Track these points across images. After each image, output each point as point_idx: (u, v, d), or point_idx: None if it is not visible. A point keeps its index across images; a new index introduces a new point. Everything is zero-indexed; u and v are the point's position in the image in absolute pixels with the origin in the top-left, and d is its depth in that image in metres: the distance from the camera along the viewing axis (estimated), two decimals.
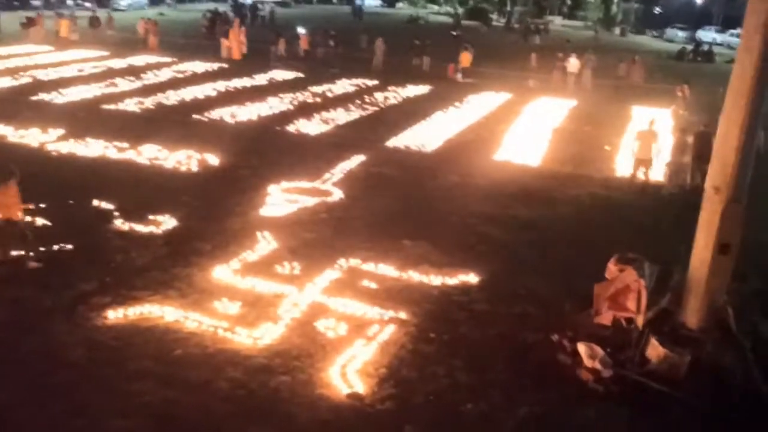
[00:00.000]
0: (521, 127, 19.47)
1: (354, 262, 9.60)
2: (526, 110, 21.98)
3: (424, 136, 17.57)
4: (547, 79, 27.37)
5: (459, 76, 27.47)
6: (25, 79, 21.86)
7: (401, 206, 12.21)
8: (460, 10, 64.16)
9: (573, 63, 26.98)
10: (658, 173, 14.69)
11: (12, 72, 22.78)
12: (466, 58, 27.79)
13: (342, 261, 9.58)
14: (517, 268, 9.96)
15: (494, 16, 64.55)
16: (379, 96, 22.88)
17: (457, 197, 13.08)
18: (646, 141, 14.20)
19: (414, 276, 9.31)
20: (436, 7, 74.06)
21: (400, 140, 17.09)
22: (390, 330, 7.88)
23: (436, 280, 9.25)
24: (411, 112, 20.36)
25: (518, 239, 11.14)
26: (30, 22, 33.56)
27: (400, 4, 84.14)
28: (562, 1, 69.04)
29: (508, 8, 66.01)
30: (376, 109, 21.01)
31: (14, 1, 51.98)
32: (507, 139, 17.96)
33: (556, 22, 63.07)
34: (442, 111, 20.97)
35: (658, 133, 14.84)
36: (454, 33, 42.95)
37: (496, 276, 9.55)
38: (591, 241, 10.89)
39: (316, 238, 10.49)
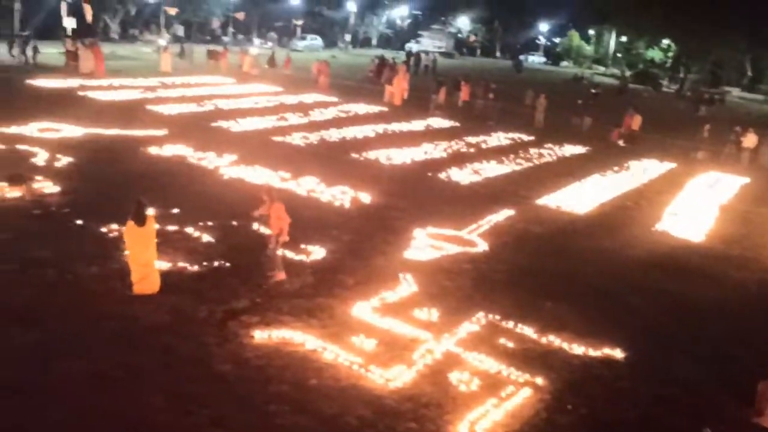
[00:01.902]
0: (685, 200, 18.41)
1: (493, 317, 9.44)
2: (692, 183, 20.79)
3: (577, 198, 17.10)
4: (718, 153, 25.77)
5: (620, 141, 26.57)
6: (208, 107, 23.99)
7: (546, 266, 11.91)
8: (628, 73, 62.37)
9: (751, 138, 25.23)
10: None
11: (198, 99, 25.10)
12: (635, 121, 26.87)
13: (481, 314, 9.47)
14: (666, 347, 9.33)
15: (664, 82, 62.08)
16: (534, 152, 22.66)
17: (607, 264, 12.56)
18: None
19: (554, 341, 8.99)
20: (602, 68, 72.57)
21: (552, 199, 16.74)
22: (524, 394, 7.63)
23: (578, 349, 8.86)
24: (566, 172, 19.93)
25: (670, 316, 10.45)
26: (217, 56, 36.96)
27: (564, 63, 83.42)
28: (742, 72, 65.08)
29: (681, 75, 63.23)
30: (529, 164, 20.80)
31: (206, 36, 57.59)
32: (668, 210, 17.03)
33: (734, 93, 59.51)
34: (600, 174, 20.34)
35: None
36: (594, 90, 41.77)
37: (642, 352, 8.99)
38: (754, 331, 9.98)
39: (456, 288, 10.46)
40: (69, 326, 7.98)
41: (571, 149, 24.10)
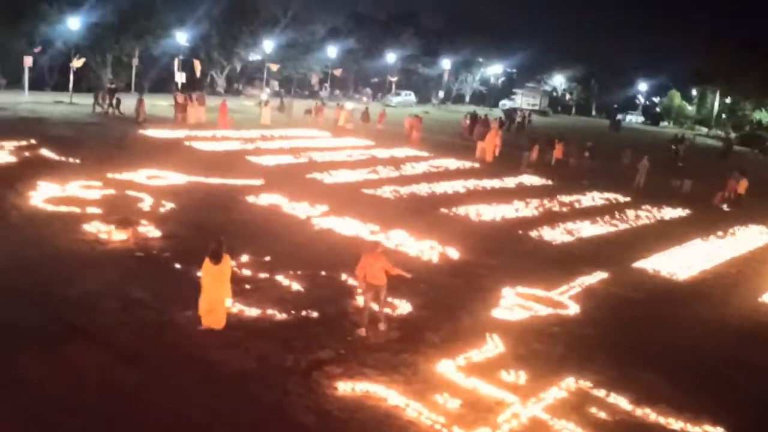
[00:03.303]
0: None
1: (584, 384, 9.05)
2: None
3: (677, 263, 16.31)
4: None
5: (724, 205, 25.34)
6: (303, 159, 24.83)
7: (641, 333, 11.37)
8: (733, 135, 59.87)
9: None
10: None
11: (294, 152, 26.04)
12: (742, 185, 25.62)
13: (570, 380, 9.09)
14: None
15: None
16: (630, 213, 21.90)
17: (707, 334, 11.83)
18: None
19: (649, 414, 8.49)
20: (704, 129, 70.11)
21: (649, 263, 16.04)
22: None
23: (675, 424, 8.33)
24: (664, 235, 19.10)
25: None
26: (314, 110, 38.37)
27: (664, 123, 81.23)
28: None
29: None
30: (625, 226, 20.11)
31: (305, 91, 60.07)
32: None
33: None
34: (701, 239, 19.36)
35: None
36: (674, 147, 40.10)
37: None
38: None
39: (545, 351, 10.12)
40: (165, 367, 8.28)
41: (670, 212, 23.16)
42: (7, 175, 16.87)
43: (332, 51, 57.53)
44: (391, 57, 63.99)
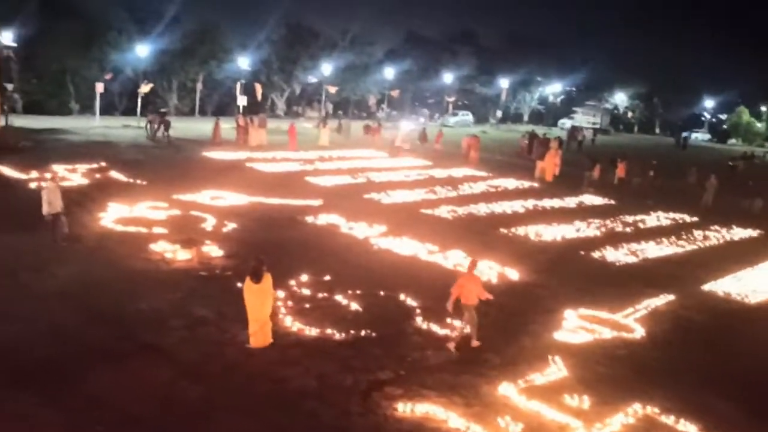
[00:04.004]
0: None
1: (651, 410, 8.74)
2: None
3: (750, 285, 15.64)
4: None
5: None
6: (361, 179, 25.01)
7: (713, 359, 10.92)
8: None
9: None
10: None
11: (352, 172, 26.27)
12: None
13: (637, 406, 8.79)
14: None
15: None
16: (697, 234, 21.15)
17: None
18: None
19: None
20: None
21: (719, 285, 15.43)
22: None
23: None
24: (735, 256, 18.36)
25: None
26: (372, 131, 38.73)
27: (732, 140, 78.58)
28: None
29: None
30: (693, 247, 19.42)
31: (363, 112, 60.73)
32: None
33: None
34: None
35: None
36: (732, 163, 38.49)
37: None
38: None
39: (610, 375, 9.83)
40: (227, 384, 8.42)
41: (740, 232, 22.26)
42: (80, 197, 17.57)
43: (389, 72, 58.04)
44: (448, 77, 64.07)
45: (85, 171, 21.01)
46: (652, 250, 18.33)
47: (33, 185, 18.37)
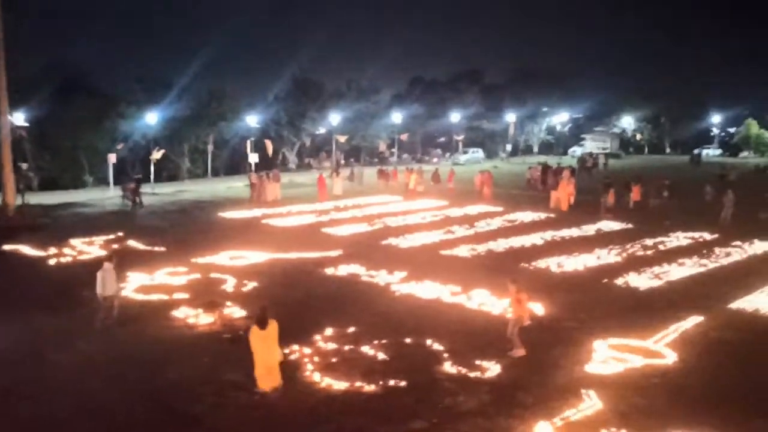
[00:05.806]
0: None
1: None
2: None
3: None
4: None
5: None
6: (378, 226, 25.10)
7: (750, 380, 10.66)
8: None
9: None
10: None
11: (368, 219, 26.41)
12: None
13: None
14: None
15: None
16: (719, 251, 20.90)
17: None
18: None
19: None
20: None
21: (748, 302, 15.17)
22: None
23: None
24: (761, 272, 18.06)
25: None
26: (386, 176, 39.02)
27: (744, 153, 78.10)
28: None
29: None
30: (716, 265, 19.16)
31: (374, 158, 61.25)
32: None
33: None
34: None
35: None
36: (722, 173, 38.23)
37: None
38: None
39: (647, 405, 9.64)
40: None
41: (762, 246, 21.94)
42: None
43: (397, 117, 58.72)
44: (455, 116, 64.69)
45: (102, 242, 21.28)
46: (676, 271, 18.12)
47: (52, 262, 18.69)
